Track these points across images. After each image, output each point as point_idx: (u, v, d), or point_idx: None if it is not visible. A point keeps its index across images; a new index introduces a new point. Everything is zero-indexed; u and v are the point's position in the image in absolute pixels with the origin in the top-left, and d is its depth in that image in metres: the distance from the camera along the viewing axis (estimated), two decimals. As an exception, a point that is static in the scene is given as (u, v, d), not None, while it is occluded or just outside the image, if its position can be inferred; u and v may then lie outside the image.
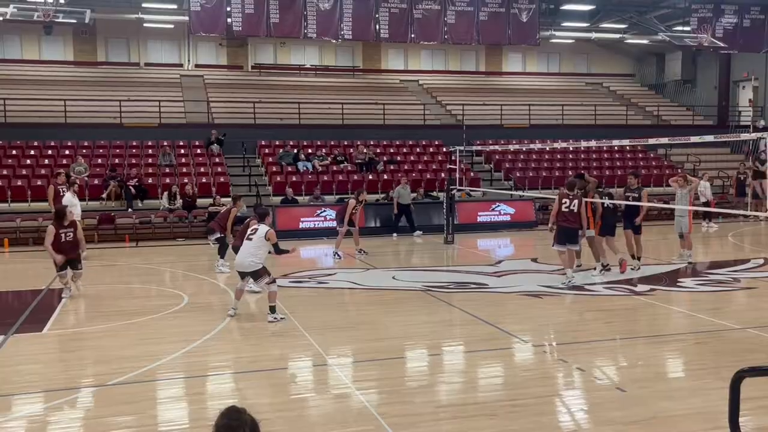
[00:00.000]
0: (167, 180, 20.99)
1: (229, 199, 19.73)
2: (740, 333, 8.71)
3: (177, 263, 15.41)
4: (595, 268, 12.92)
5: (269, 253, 9.86)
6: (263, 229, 9.63)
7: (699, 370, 7.40)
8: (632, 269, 13.11)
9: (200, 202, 20.23)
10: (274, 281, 9.74)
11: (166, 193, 20.05)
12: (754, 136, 10.42)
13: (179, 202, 19.98)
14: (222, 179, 21.42)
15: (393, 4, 22.05)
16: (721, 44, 25.06)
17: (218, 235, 13.80)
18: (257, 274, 9.65)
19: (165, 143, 23.20)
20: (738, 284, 12.10)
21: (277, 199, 20.92)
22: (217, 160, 22.93)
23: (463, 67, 33.97)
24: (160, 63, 29.96)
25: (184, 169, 22.21)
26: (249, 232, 9.78)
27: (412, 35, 22.56)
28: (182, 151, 23.57)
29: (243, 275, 9.84)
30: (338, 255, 15.58)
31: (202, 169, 22.23)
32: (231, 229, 13.69)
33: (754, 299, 11.10)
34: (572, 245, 12.12)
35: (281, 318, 9.62)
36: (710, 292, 11.54)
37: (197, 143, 23.98)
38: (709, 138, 11.10)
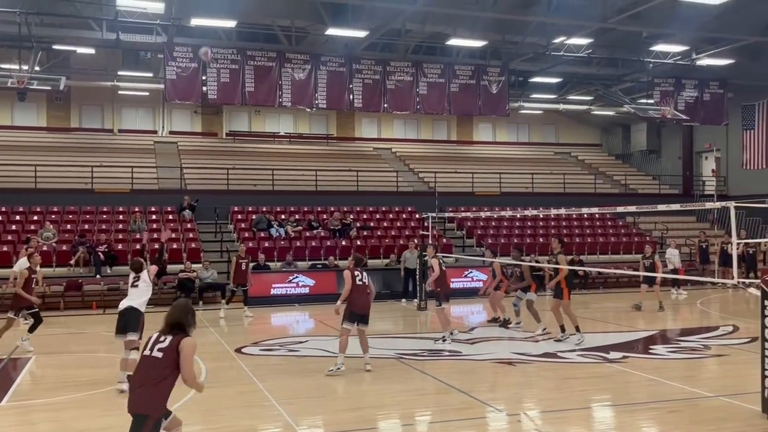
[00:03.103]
0: (137, 246, 20.74)
1: (200, 265, 19.77)
2: (713, 401, 8.71)
3: (146, 331, 15.01)
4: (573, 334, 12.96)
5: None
6: (144, 274, 9.83)
7: (673, 438, 7.35)
8: (555, 340, 12.91)
9: (171, 268, 19.94)
10: (137, 348, 9.34)
11: (135, 260, 19.78)
12: (718, 205, 10.69)
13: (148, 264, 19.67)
14: (193, 245, 21.24)
15: (366, 75, 22.58)
16: (684, 116, 25.99)
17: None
18: (137, 323, 9.49)
19: (137, 209, 23.06)
20: (709, 351, 12.17)
21: (249, 265, 20.72)
22: (189, 225, 22.80)
23: (435, 136, 34.65)
24: (134, 129, 30.11)
25: (155, 235, 21.98)
26: (132, 280, 9.82)
27: (385, 105, 23.05)
28: (154, 216, 23.41)
29: (122, 321, 9.50)
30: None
31: (173, 235, 22.01)
32: (233, 277, 17.05)
33: (725, 366, 11.14)
34: None
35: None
36: (682, 360, 11.58)
37: (169, 209, 23.86)
38: (676, 206, 11.36)
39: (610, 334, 14.20)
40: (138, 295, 9.69)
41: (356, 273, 10.62)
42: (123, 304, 9.66)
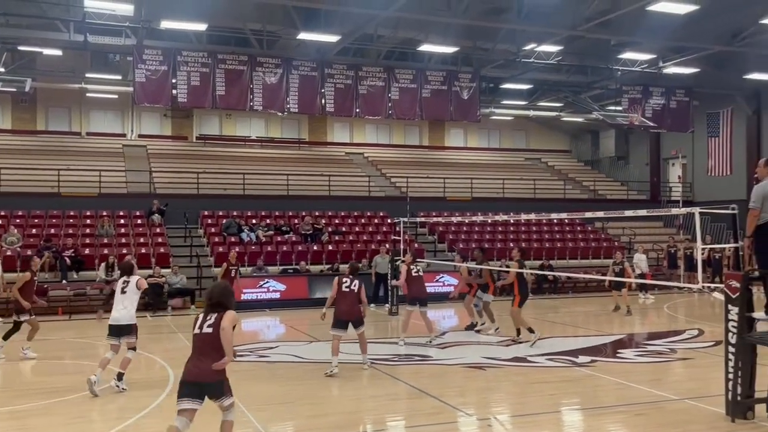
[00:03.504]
0: (105, 251, 20.45)
1: (169, 270, 19.55)
2: (679, 404, 8.85)
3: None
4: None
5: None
6: (134, 278, 9.91)
7: (640, 441, 7.43)
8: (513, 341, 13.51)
9: (139, 273, 19.65)
10: (134, 348, 9.82)
11: (103, 264, 19.50)
12: (684, 211, 10.89)
13: (117, 273, 19.42)
14: (162, 250, 21.00)
15: (338, 80, 22.56)
16: (651, 123, 26.42)
17: None
18: (131, 329, 9.74)
19: (104, 213, 22.73)
20: (675, 355, 12.37)
21: (219, 270, 20.53)
22: (158, 230, 22.54)
23: (407, 141, 34.75)
24: (102, 132, 29.71)
25: (123, 240, 21.72)
26: (121, 286, 9.88)
27: (357, 110, 23.05)
28: (122, 221, 23.11)
29: (117, 330, 9.71)
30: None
31: (142, 240, 21.79)
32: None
33: (691, 370, 11.34)
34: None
35: (124, 389, 9.45)
36: (649, 363, 11.74)
37: (138, 213, 23.58)
38: (643, 212, 11.52)
39: (579, 338, 14.36)
40: (130, 304, 9.75)
41: (344, 280, 10.80)
42: (116, 318, 9.71)
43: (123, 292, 9.79)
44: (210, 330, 6.20)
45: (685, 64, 23.98)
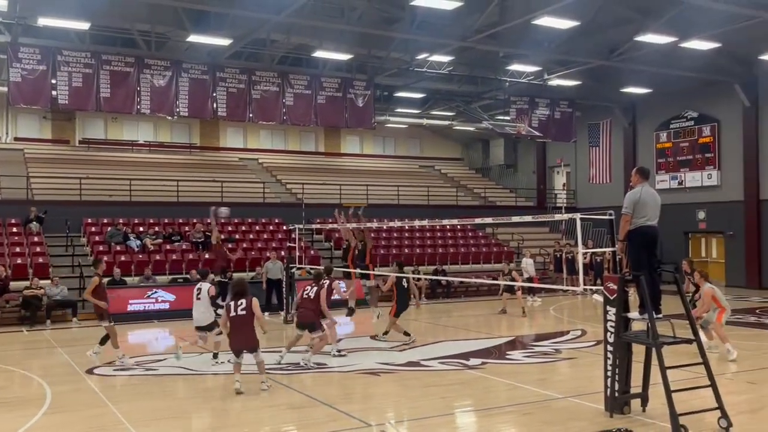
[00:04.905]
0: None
1: (48, 281, 18.44)
2: (563, 402, 9.23)
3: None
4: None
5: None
6: (205, 286, 11.95)
7: (527, 440, 7.68)
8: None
9: (14, 285, 18.46)
10: (221, 333, 11.34)
11: (-26, 276, 18.13)
12: (566, 216, 11.42)
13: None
14: (41, 260, 19.78)
15: (231, 84, 22.12)
16: (537, 133, 27.59)
17: None
18: (213, 326, 11.76)
19: (-25, 221, 21.19)
20: (560, 355, 12.90)
21: (104, 281, 19.54)
22: (36, 239, 21.21)
23: (302, 147, 34.55)
24: (-28, 135, 27.69)
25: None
26: (196, 293, 11.83)
27: (251, 115, 22.67)
28: (-5, 229, 21.61)
29: (203, 329, 11.99)
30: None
31: (17, 249, 20.44)
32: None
33: (574, 369, 11.86)
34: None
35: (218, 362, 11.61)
36: (536, 364, 12.18)
37: (13, 221, 22.11)
38: (528, 218, 11.98)
39: (470, 341, 14.70)
40: (205, 309, 11.85)
41: (306, 287, 12.27)
42: (198, 320, 11.93)
43: (198, 298, 11.81)
44: (244, 312, 9.51)
45: (568, 76, 25.19)
